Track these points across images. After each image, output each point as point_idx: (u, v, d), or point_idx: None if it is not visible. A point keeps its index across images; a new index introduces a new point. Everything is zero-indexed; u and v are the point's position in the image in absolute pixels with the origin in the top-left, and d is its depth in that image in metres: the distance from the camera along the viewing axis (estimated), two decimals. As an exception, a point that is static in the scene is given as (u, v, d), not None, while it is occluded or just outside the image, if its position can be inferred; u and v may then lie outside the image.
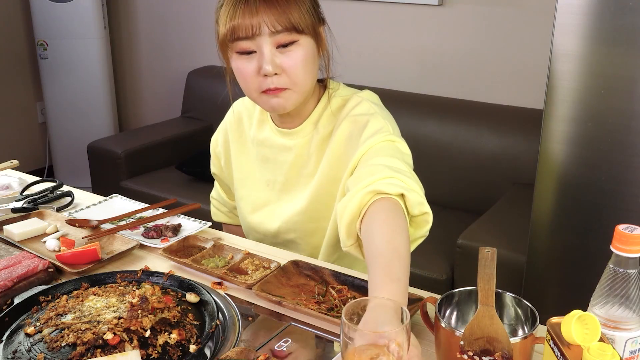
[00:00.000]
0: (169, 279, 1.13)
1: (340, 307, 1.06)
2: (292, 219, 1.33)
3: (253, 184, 1.39)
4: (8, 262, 1.17)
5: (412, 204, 1.07)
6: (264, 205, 1.38)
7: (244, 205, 1.41)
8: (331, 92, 1.29)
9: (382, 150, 1.15)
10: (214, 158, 1.49)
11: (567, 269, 1.86)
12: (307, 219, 1.32)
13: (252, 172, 1.39)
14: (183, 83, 3.68)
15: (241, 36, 1.14)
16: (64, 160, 3.98)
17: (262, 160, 1.36)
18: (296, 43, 1.16)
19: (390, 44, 3.05)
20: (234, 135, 1.42)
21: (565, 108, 1.72)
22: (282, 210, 1.35)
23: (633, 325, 0.81)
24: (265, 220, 1.37)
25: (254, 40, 1.14)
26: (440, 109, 2.80)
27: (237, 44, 1.16)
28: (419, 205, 1.07)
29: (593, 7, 1.62)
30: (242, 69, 1.18)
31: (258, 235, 1.41)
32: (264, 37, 1.13)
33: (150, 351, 0.92)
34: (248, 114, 1.41)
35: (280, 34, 1.14)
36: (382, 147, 1.17)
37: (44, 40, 3.74)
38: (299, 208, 1.32)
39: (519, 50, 2.75)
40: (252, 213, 1.40)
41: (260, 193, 1.38)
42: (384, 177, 1.06)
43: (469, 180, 2.68)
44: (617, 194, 1.70)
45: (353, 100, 1.27)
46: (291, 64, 1.16)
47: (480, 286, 0.88)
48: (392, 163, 1.11)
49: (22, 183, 1.64)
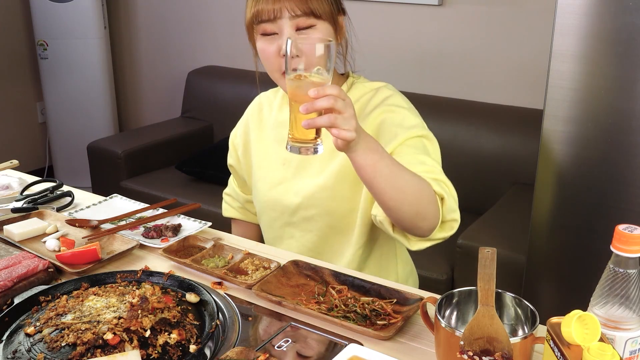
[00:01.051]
0: (169, 279, 1.13)
1: (340, 307, 1.06)
2: (314, 194, 1.35)
3: (270, 164, 1.42)
4: (8, 262, 1.17)
5: (447, 209, 1.17)
6: (279, 183, 1.40)
7: (261, 185, 1.44)
8: (352, 81, 1.37)
9: (421, 147, 1.24)
10: (232, 150, 1.54)
11: (567, 269, 1.86)
12: (330, 197, 1.34)
13: (270, 154, 1.43)
14: (183, 83, 3.68)
15: (264, 19, 1.24)
16: (64, 160, 3.97)
17: (281, 140, 1.39)
18: (314, 27, 1.24)
19: (390, 44, 3.05)
20: (254, 123, 1.48)
21: (565, 108, 1.72)
22: (301, 186, 1.37)
23: (633, 325, 0.81)
24: (285, 196, 1.39)
25: (275, 23, 1.23)
26: (440, 109, 2.79)
27: (260, 26, 1.25)
28: (452, 212, 1.18)
29: (593, 7, 1.62)
30: (265, 50, 1.27)
31: (274, 214, 1.42)
32: (284, 20, 1.23)
33: (150, 351, 0.92)
34: (268, 102, 1.48)
35: (300, 18, 1.23)
36: (420, 143, 1.25)
37: (44, 40, 3.74)
38: (322, 184, 1.34)
39: (519, 50, 2.74)
40: (269, 190, 1.41)
41: (276, 172, 1.41)
42: (430, 172, 1.17)
43: (469, 180, 2.68)
44: (617, 194, 1.70)
45: (386, 90, 1.35)
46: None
47: (480, 286, 0.88)
48: (433, 163, 1.21)
49: (22, 183, 1.64)
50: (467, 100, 2.84)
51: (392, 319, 1.04)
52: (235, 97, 3.32)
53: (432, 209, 1.14)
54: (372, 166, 1.07)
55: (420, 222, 1.15)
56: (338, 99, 0.97)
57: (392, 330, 0.99)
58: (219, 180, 2.59)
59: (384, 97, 1.32)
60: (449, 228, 1.20)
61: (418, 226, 1.16)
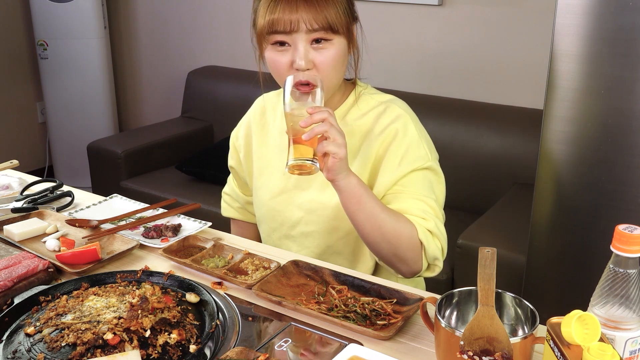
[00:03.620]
0: (169, 279, 1.13)
1: (340, 307, 1.06)
2: (316, 211, 1.34)
3: (271, 173, 1.41)
4: (8, 262, 1.17)
5: (429, 256, 1.23)
6: (280, 192, 1.39)
7: (262, 193, 1.42)
8: (360, 90, 1.35)
9: (426, 183, 1.27)
10: (233, 151, 1.52)
11: (567, 269, 1.86)
12: (333, 216, 1.33)
13: (272, 161, 1.41)
14: (183, 83, 3.68)
15: (279, 30, 1.19)
16: (64, 160, 3.97)
17: (283, 148, 1.38)
18: (329, 42, 1.21)
19: (390, 44, 3.05)
20: (257, 127, 1.45)
21: (565, 108, 1.72)
22: (303, 199, 1.36)
23: (633, 325, 0.81)
24: (286, 207, 1.38)
25: (290, 35, 1.19)
26: (440, 109, 2.80)
27: (273, 36, 1.21)
28: (434, 260, 1.25)
29: (593, 7, 1.62)
30: (276, 61, 1.23)
31: (274, 224, 1.41)
32: (300, 34, 1.18)
33: (150, 351, 0.92)
34: (272, 106, 1.45)
35: (316, 32, 1.19)
36: (425, 177, 1.27)
37: (44, 40, 3.74)
38: (326, 201, 1.33)
39: (519, 50, 2.74)
40: (270, 199, 1.40)
41: (277, 181, 1.39)
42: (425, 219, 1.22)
43: (469, 180, 2.68)
44: (617, 194, 1.70)
45: (395, 108, 1.32)
46: (323, 60, 1.21)
47: (480, 286, 0.88)
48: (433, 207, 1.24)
49: (22, 183, 1.64)
50: (467, 100, 2.84)
51: (392, 319, 1.04)
52: (236, 97, 3.32)
53: (410, 255, 1.21)
54: (357, 199, 1.16)
55: (398, 263, 1.23)
56: (331, 117, 1.11)
57: (392, 330, 0.99)
58: (219, 180, 2.58)
59: (393, 118, 1.30)
60: (431, 270, 1.28)
61: (397, 267, 1.24)
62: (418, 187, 1.25)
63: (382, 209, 1.18)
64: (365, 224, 1.19)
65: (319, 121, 1.09)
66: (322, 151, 1.10)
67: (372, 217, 1.17)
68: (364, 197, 1.16)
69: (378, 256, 1.26)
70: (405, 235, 1.19)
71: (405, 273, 1.26)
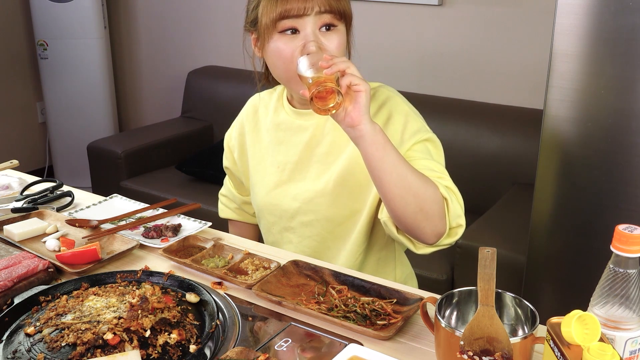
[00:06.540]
0: (169, 279, 1.13)
1: (340, 307, 1.06)
2: (313, 200, 1.34)
3: (265, 168, 1.41)
4: (8, 262, 1.17)
5: (452, 214, 1.18)
6: (275, 186, 1.39)
7: (258, 189, 1.43)
8: None
9: (426, 152, 1.26)
10: (227, 152, 1.52)
11: (567, 269, 1.86)
12: (330, 203, 1.33)
13: (265, 157, 1.41)
14: (183, 83, 3.68)
15: (291, 14, 1.20)
16: (64, 160, 3.98)
17: (276, 143, 1.39)
18: (335, 29, 1.24)
19: (390, 44, 3.05)
20: (250, 125, 1.46)
21: (565, 108, 1.72)
22: (299, 190, 1.36)
23: (633, 325, 0.81)
24: (283, 200, 1.38)
25: (301, 19, 1.20)
26: (440, 109, 2.80)
27: (282, 23, 1.21)
28: (457, 218, 1.19)
29: (593, 7, 1.62)
30: (283, 49, 1.22)
31: (272, 218, 1.41)
32: (311, 17, 1.20)
33: (150, 351, 0.92)
34: (264, 104, 1.45)
35: (326, 14, 1.21)
36: (424, 148, 1.27)
37: (44, 40, 3.74)
38: (321, 189, 1.33)
39: (519, 50, 2.74)
40: (266, 194, 1.40)
41: (271, 176, 1.40)
42: (439, 178, 1.19)
43: (469, 180, 2.67)
44: (617, 194, 1.70)
45: (384, 91, 1.34)
46: (329, 45, 1.22)
47: (480, 286, 0.88)
48: (441, 169, 1.23)
49: (22, 183, 1.64)
50: (467, 100, 2.84)
51: (392, 319, 1.04)
52: (235, 97, 3.32)
53: (437, 208, 1.14)
54: (383, 144, 1.10)
55: (424, 221, 1.14)
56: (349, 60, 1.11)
57: (392, 330, 0.99)
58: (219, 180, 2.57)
59: (384, 100, 1.32)
60: (453, 234, 1.20)
61: (421, 227, 1.15)
62: (425, 155, 1.26)
63: (404, 159, 1.14)
64: (392, 174, 1.11)
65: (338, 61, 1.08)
66: (347, 82, 1.06)
67: (398, 166, 1.11)
68: (388, 144, 1.11)
69: (403, 215, 1.15)
70: (430, 188, 1.14)
71: (429, 236, 1.17)
